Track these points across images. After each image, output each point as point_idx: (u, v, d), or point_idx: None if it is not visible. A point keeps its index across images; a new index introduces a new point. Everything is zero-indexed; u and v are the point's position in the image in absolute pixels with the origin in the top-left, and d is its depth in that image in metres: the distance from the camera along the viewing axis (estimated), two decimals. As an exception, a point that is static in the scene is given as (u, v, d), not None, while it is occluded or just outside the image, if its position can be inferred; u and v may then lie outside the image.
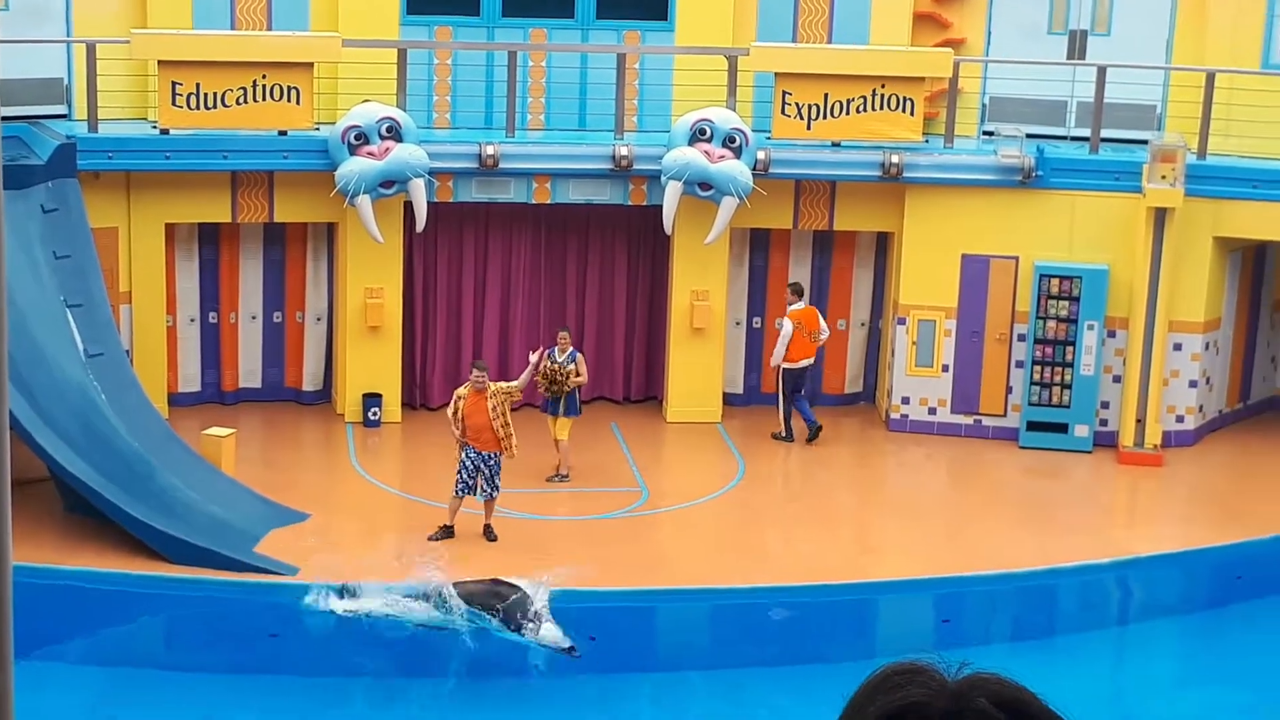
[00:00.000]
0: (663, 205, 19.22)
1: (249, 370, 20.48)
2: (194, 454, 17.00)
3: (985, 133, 20.71)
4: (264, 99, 18.73)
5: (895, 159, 19.40)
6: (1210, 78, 19.31)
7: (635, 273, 20.93)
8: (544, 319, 20.55)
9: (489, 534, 16.50)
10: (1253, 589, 17.08)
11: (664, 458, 19.66)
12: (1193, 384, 19.84)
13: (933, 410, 20.12)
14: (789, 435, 19.82)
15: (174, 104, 18.55)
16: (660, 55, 20.31)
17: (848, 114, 19.53)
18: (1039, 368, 19.59)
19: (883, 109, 19.52)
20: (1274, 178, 19.11)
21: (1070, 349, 19.48)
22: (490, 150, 19.09)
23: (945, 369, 20.00)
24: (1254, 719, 14.86)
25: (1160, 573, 17.09)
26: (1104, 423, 19.73)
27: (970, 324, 19.85)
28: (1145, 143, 19.31)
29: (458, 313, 20.56)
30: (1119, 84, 19.71)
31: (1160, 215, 18.98)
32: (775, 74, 19.61)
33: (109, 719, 14.30)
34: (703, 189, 19.03)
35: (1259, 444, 20.35)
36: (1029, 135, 19.86)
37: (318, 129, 19.04)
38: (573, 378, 18.14)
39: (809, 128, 19.58)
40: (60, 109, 19.42)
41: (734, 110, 19.46)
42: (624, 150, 19.28)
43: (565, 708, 15.00)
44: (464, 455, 16.44)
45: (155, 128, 18.87)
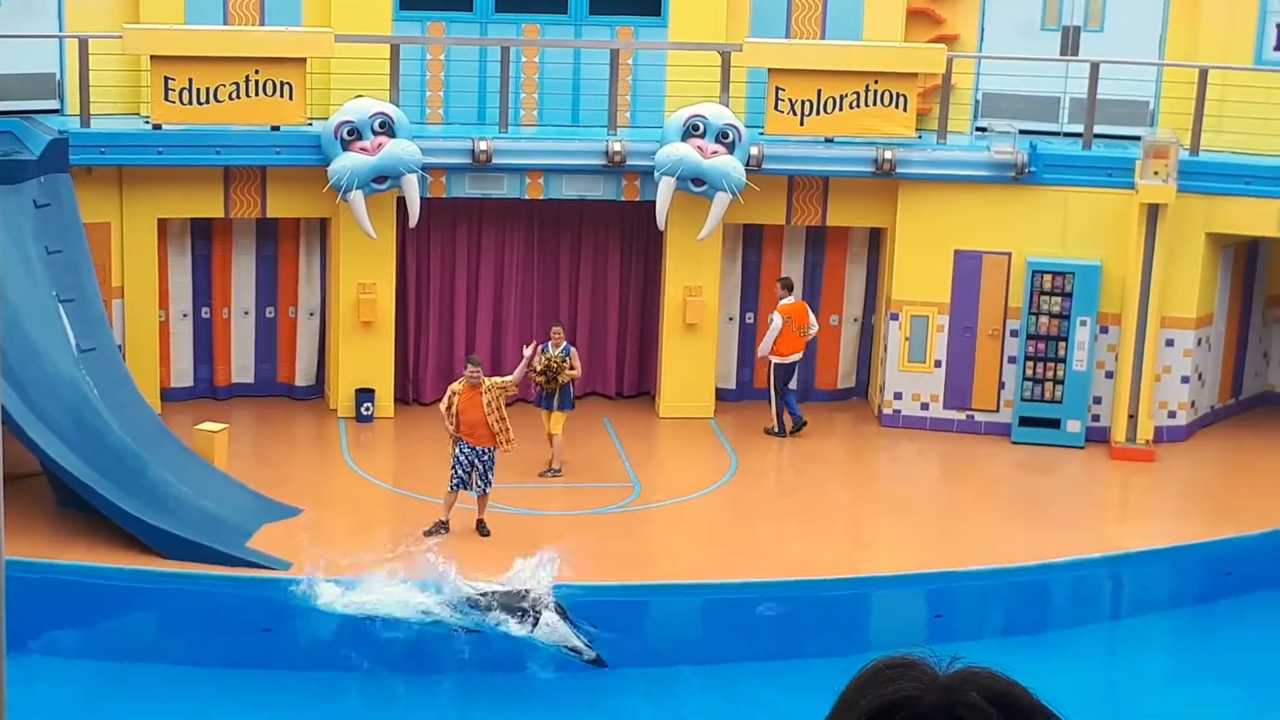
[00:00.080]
0: (656, 201, 19.22)
1: (241, 365, 20.46)
2: (186, 449, 16.99)
3: (978, 128, 20.73)
4: (257, 94, 18.71)
5: (888, 155, 19.40)
6: (1203, 74, 19.32)
7: (628, 268, 20.93)
8: (537, 314, 20.54)
9: (482, 529, 16.50)
10: (1244, 584, 17.09)
11: (656, 453, 19.66)
12: (1185, 380, 19.87)
13: (925, 406, 20.14)
14: (782, 430, 19.84)
15: (167, 99, 18.53)
16: (653, 51, 20.30)
17: (841, 110, 19.54)
18: (1031, 363, 19.61)
19: (876, 105, 19.53)
20: (1266, 174, 19.12)
21: (1063, 345, 19.50)
22: (483, 146, 19.08)
23: (938, 364, 20.02)
24: (1245, 714, 14.90)
25: (1152, 568, 17.11)
26: (1096, 418, 19.76)
27: (963, 319, 19.87)
28: (1138, 139, 19.32)
29: (450, 308, 20.55)
30: (1112, 80, 19.72)
31: (1153, 211, 19.00)
32: (768, 70, 19.60)
33: (101, 713, 14.30)
34: (696, 185, 19.02)
35: (1251, 440, 20.38)
36: (1022, 131, 19.88)
37: (310, 124, 19.02)
38: (567, 372, 18.15)
39: (802, 123, 19.58)
40: (53, 104, 19.38)
41: (727, 106, 19.45)
42: (617, 146, 19.27)
43: (556, 702, 15.01)
44: (458, 450, 16.44)
45: (148, 123, 18.85)
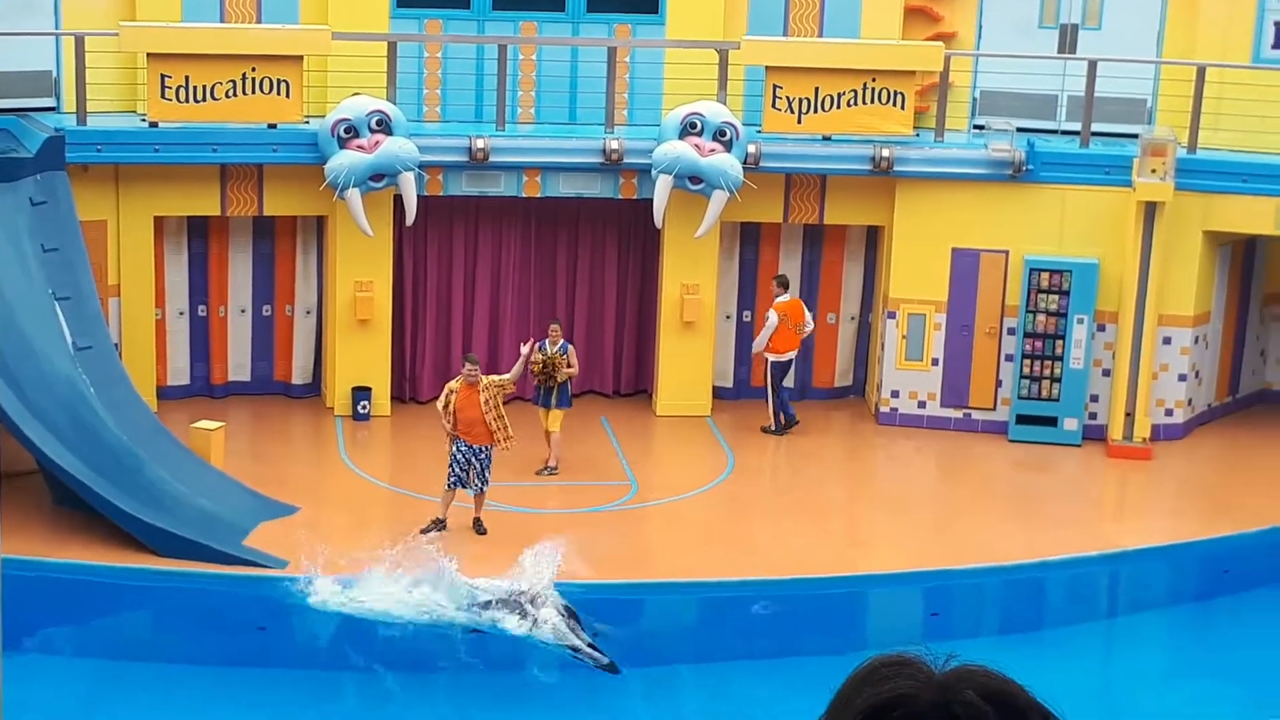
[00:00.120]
0: (653, 199, 19.21)
1: (238, 363, 20.46)
2: (183, 447, 16.98)
3: (976, 126, 20.72)
4: (253, 92, 18.70)
5: (886, 153, 19.40)
6: (1201, 72, 19.33)
7: (625, 266, 20.92)
8: (534, 312, 20.53)
9: (478, 527, 16.49)
10: (1240, 582, 17.11)
11: (653, 451, 19.66)
12: (1182, 378, 19.87)
13: (922, 404, 20.14)
14: (778, 428, 19.84)
15: (163, 97, 18.52)
16: (651, 49, 20.29)
17: (838, 108, 19.53)
18: (1028, 361, 19.61)
19: (873, 103, 19.52)
20: (1264, 172, 19.13)
21: (1060, 343, 19.50)
22: (480, 144, 19.07)
23: (935, 363, 20.02)
24: (1242, 711, 14.90)
25: (1148, 566, 17.12)
26: (1093, 416, 19.76)
27: (960, 318, 19.87)
28: (1136, 137, 19.32)
29: (447, 306, 20.54)
30: (1109, 78, 19.72)
31: (1150, 209, 19.01)
32: (766, 67, 19.60)
33: (97, 712, 14.28)
34: (693, 183, 19.01)
35: (1248, 438, 20.39)
36: (1019, 129, 19.87)
37: (307, 122, 19.01)
38: (564, 369, 18.15)
39: (799, 121, 19.58)
40: (49, 102, 19.37)
41: (724, 104, 19.44)
42: (614, 144, 19.26)
43: (554, 701, 15.01)
44: (454, 449, 16.43)
45: (144, 121, 18.83)
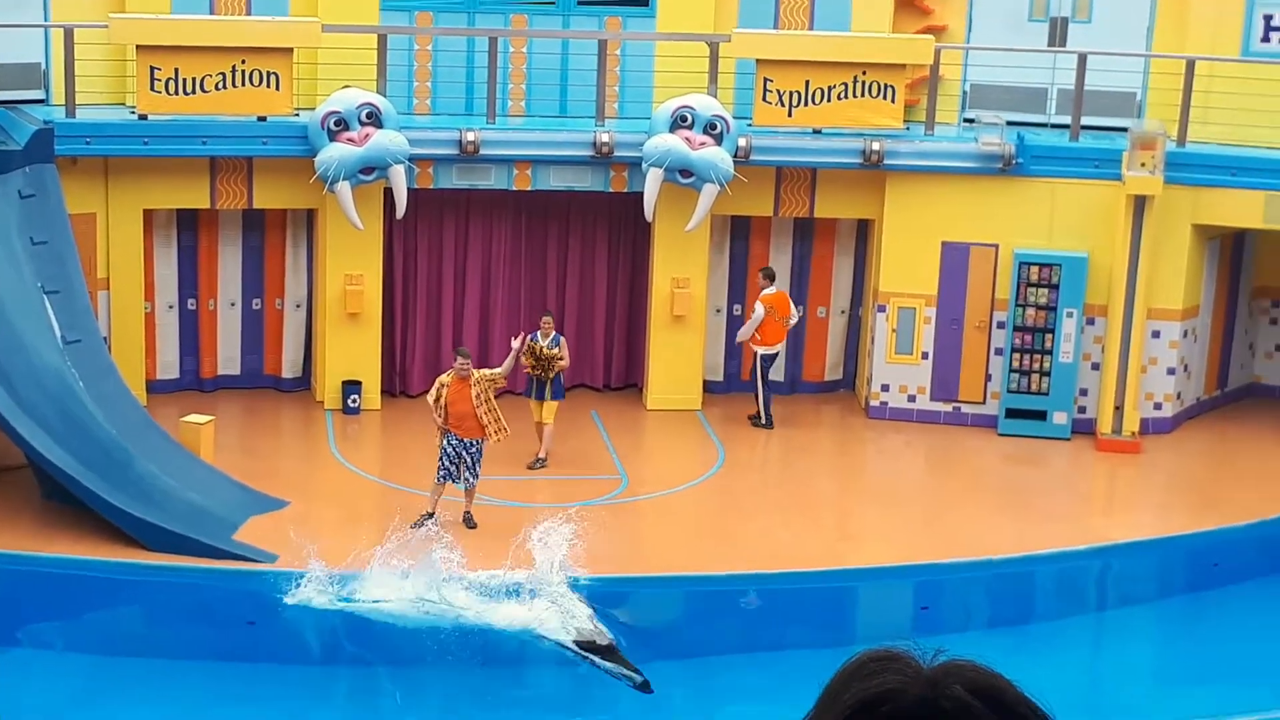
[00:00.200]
0: (643, 192, 19.20)
1: (228, 357, 20.42)
2: (172, 441, 16.96)
3: (966, 120, 20.70)
4: (243, 84, 18.66)
5: (876, 146, 19.40)
6: (1190, 65, 19.34)
7: (616, 260, 20.91)
8: (524, 306, 20.53)
9: (469, 521, 16.48)
10: (1229, 576, 17.14)
11: (644, 445, 19.66)
12: (1171, 371, 19.90)
13: (912, 398, 20.16)
14: (769, 422, 19.84)
15: (152, 89, 18.47)
16: (641, 41, 20.27)
17: (829, 101, 19.53)
18: (1018, 355, 19.63)
19: (864, 96, 19.52)
20: (1253, 165, 19.17)
21: (1049, 336, 19.52)
22: (471, 137, 19.05)
23: (925, 356, 20.03)
24: (1230, 704, 14.93)
25: (1138, 559, 17.14)
26: (1082, 410, 19.79)
27: (950, 311, 19.88)
28: (1125, 130, 19.35)
29: (438, 300, 20.53)
30: (1099, 71, 19.74)
31: (1140, 203, 19.03)
32: (756, 61, 19.59)
33: (86, 706, 14.27)
34: (684, 176, 19.01)
35: (1236, 431, 20.42)
36: (1009, 122, 19.88)
37: (297, 115, 18.97)
38: (557, 362, 18.16)
39: (790, 115, 19.57)
40: (38, 94, 19.31)
41: (715, 97, 19.43)
42: (605, 137, 19.25)
43: (543, 694, 15.03)
44: (445, 442, 16.43)
45: (133, 113, 18.78)
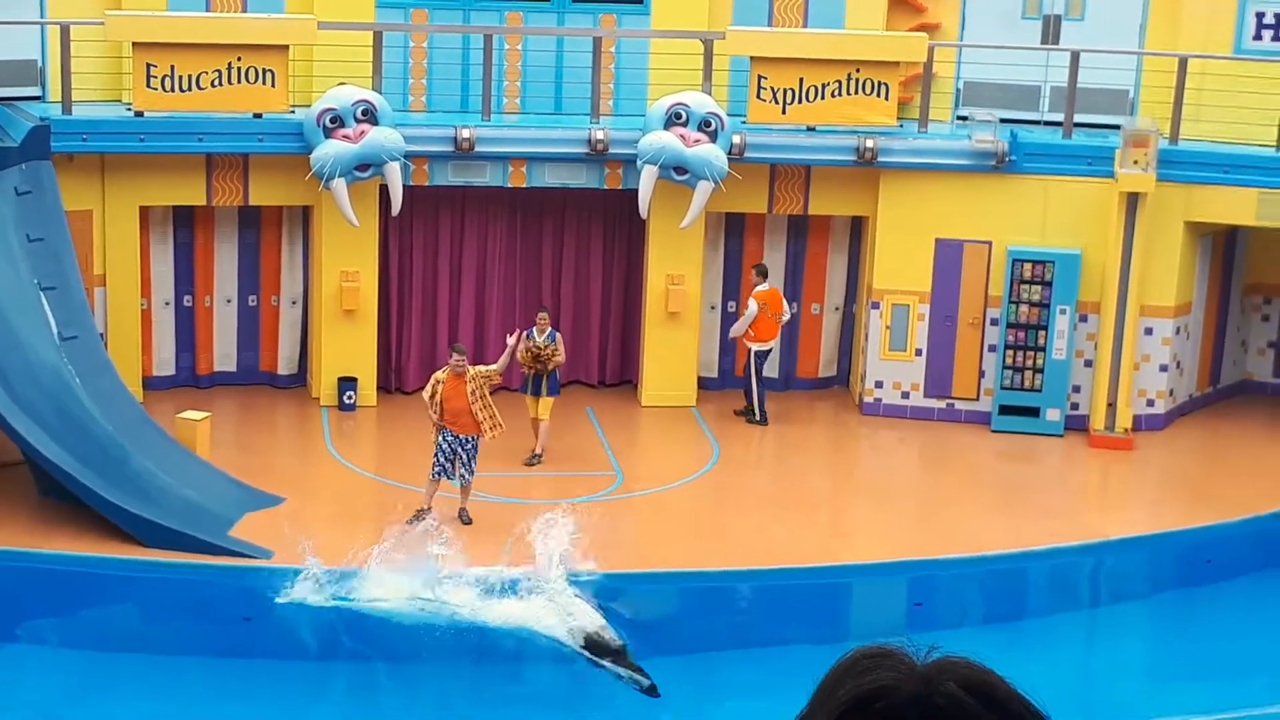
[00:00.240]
0: (638, 189, 19.22)
1: (224, 354, 20.44)
2: (168, 437, 16.97)
3: (959, 117, 20.74)
4: (239, 81, 18.68)
5: (870, 143, 19.44)
6: (1183, 63, 19.39)
7: (610, 257, 20.94)
8: (519, 303, 20.55)
9: (464, 518, 16.51)
10: (1222, 572, 17.19)
11: (639, 441, 19.69)
12: (1163, 368, 19.95)
13: (906, 394, 20.20)
14: (763, 419, 19.88)
15: (149, 86, 18.48)
16: (636, 39, 20.30)
17: (823, 98, 19.56)
18: (1011, 352, 19.68)
19: (857, 93, 19.55)
20: (1245, 163, 19.20)
21: (1042, 333, 19.56)
22: (466, 134, 19.06)
23: (918, 353, 20.07)
24: (1223, 700, 14.98)
25: (1131, 556, 17.18)
26: (1075, 407, 19.83)
27: (943, 308, 19.92)
28: (1118, 128, 19.38)
29: (433, 296, 20.54)
30: (1092, 69, 19.78)
31: (1132, 200, 19.07)
32: (751, 58, 19.61)
33: (84, 702, 14.30)
34: (678, 173, 19.04)
35: (1229, 428, 20.47)
36: (1003, 120, 19.91)
37: (293, 112, 18.99)
38: (554, 358, 18.19)
39: (784, 112, 19.60)
40: (34, 91, 19.33)
41: (709, 94, 19.46)
42: (599, 134, 19.28)
43: (538, 690, 15.05)
44: (440, 439, 16.45)
45: (130, 110, 18.80)
